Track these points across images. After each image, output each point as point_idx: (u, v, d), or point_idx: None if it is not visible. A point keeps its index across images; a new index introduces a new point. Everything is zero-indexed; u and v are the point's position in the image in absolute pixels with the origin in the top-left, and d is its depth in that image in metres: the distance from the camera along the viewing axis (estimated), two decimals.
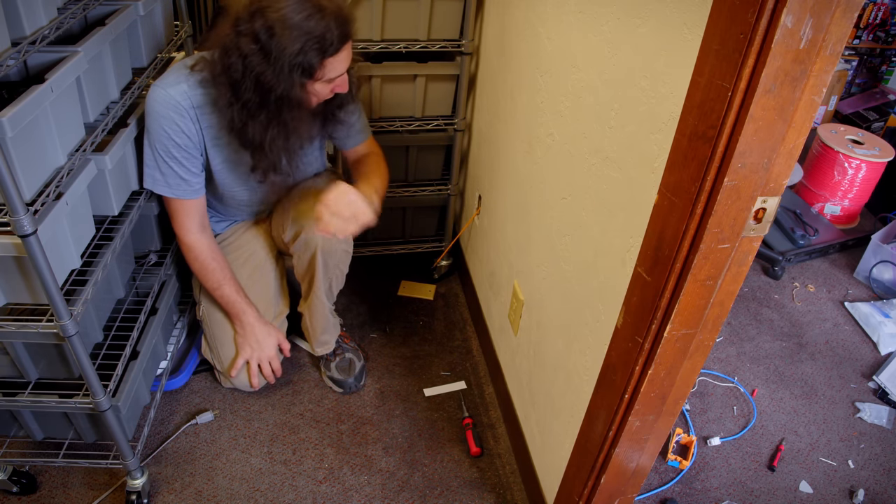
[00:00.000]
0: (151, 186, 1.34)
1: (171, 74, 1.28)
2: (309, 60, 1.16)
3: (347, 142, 1.56)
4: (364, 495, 1.43)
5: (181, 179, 1.34)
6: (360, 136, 1.57)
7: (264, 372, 1.57)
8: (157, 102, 1.25)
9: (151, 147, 1.29)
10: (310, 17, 1.13)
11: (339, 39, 1.17)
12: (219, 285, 1.48)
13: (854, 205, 2.51)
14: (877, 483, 1.57)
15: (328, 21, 1.14)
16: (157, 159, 1.31)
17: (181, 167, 1.33)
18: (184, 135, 1.29)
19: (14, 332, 1.08)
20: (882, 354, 1.96)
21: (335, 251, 1.46)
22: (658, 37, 0.80)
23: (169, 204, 1.39)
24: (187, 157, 1.32)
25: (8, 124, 0.86)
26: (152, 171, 1.32)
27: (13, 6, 0.96)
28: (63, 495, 1.37)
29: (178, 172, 1.33)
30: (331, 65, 1.20)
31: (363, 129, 1.57)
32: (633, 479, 1.08)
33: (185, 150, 1.31)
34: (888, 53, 3.31)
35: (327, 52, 1.17)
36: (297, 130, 1.31)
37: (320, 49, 1.16)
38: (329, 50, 1.17)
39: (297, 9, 1.13)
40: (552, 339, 1.26)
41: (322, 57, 1.17)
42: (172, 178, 1.33)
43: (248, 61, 1.17)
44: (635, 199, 0.89)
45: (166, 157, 1.30)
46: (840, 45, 0.62)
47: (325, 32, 1.14)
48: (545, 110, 1.23)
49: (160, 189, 1.34)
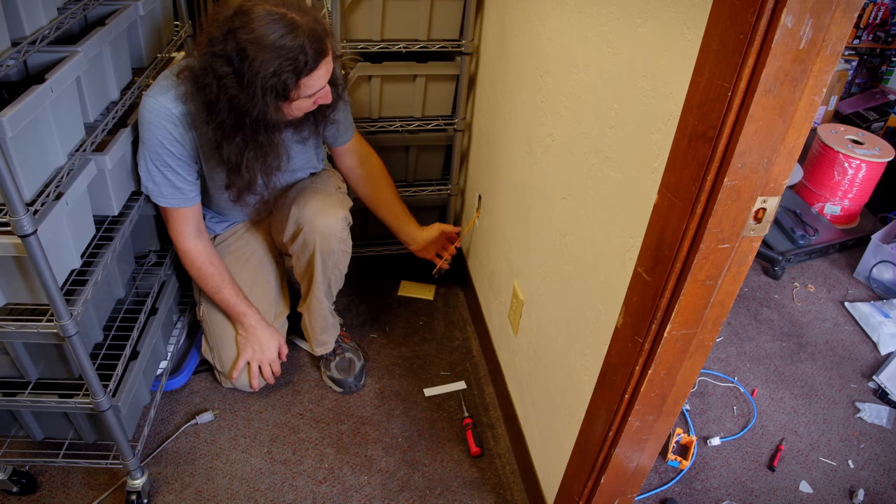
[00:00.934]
0: (146, 193, 1.33)
1: (159, 83, 1.26)
2: (283, 82, 1.13)
3: (338, 140, 1.56)
4: (364, 495, 1.43)
5: (175, 188, 1.33)
6: (349, 133, 1.57)
7: (264, 374, 1.57)
8: (149, 112, 1.23)
9: (145, 157, 1.28)
10: (283, 38, 1.10)
11: (314, 58, 1.14)
12: (218, 289, 1.48)
13: (854, 205, 2.51)
14: (877, 483, 1.57)
15: (302, 40, 1.11)
16: (151, 170, 1.29)
17: (176, 175, 1.31)
18: (177, 143, 1.27)
19: (14, 332, 1.08)
20: (882, 354, 1.96)
21: (333, 251, 1.46)
22: (658, 37, 0.80)
23: (164, 211, 1.39)
24: (181, 164, 1.31)
25: (8, 124, 0.86)
26: (146, 181, 1.31)
27: (13, 6, 0.96)
28: (63, 495, 1.37)
29: (173, 181, 1.31)
30: (307, 83, 1.17)
31: (351, 126, 1.57)
32: (633, 479, 1.08)
33: (179, 158, 1.29)
34: (888, 53, 3.31)
35: (302, 72, 1.14)
36: (274, 152, 1.29)
37: (294, 70, 1.13)
38: (304, 70, 1.14)
39: (270, 29, 1.10)
40: (552, 339, 1.26)
41: (297, 77, 1.14)
42: (166, 188, 1.32)
43: (221, 83, 1.14)
44: (635, 199, 0.89)
45: (160, 167, 1.29)
46: (840, 45, 0.62)
47: (298, 53, 1.11)
48: (545, 110, 1.23)
49: (155, 198, 1.33)
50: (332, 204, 1.44)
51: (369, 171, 1.65)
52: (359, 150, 1.62)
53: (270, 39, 1.10)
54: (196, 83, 1.20)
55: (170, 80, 1.25)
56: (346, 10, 1.56)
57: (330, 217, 1.41)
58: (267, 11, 1.11)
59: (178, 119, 1.25)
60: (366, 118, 1.76)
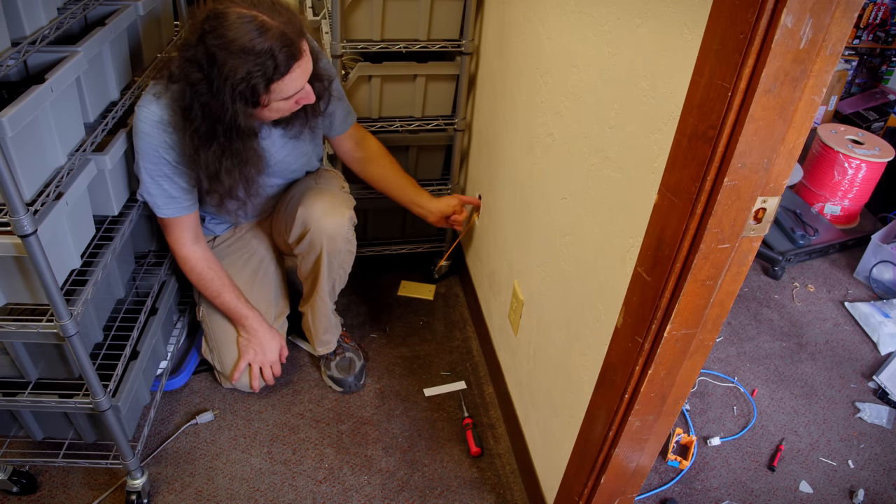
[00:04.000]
0: (144, 200, 1.32)
1: (149, 91, 1.23)
2: (252, 87, 1.10)
3: (332, 130, 1.54)
4: (364, 495, 1.43)
5: (171, 198, 1.31)
6: (347, 121, 1.54)
7: (265, 375, 1.57)
8: (142, 122, 1.22)
9: (142, 167, 1.26)
10: (252, 41, 1.07)
11: (285, 62, 1.11)
12: (218, 293, 1.47)
13: (854, 205, 2.51)
14: (877, 483, 1.57)
15: (272, 43, 1.08)
16: (147, 181, 1.27)
17: (172, 185, 1.29)
18: (172, 150, 1.25)
19: (14, 332, 1.08)
20: (882, 354, 1.96)
21: (340, 251, 1.46)
22: (658, 37, 0.80)
23: (161, 220, 1.37)
24: (177, 171, 1.28)
25: (8, 124, 0.86)
26: (143, 192, 1.29)
27: (13, 6, 0.96)
28: (63, 495, 1.37)
29: (170, 191, 1.30)
30: (280, 87, 1.14)
31: (348, 114, 1.55)
32: (633, 479, 1.08)
33: (175, 166, 1.27)
34: (888, 53, 3.31)
35: (273, 77, 1.11)
36: (253, 159, 1.26)
37: (264, 75, 1.10)
38: (275, 75, 1.11)
39: (239, 33, 1.07)
40: (552, 338, 1.26)
41: (268, 83, 1.11)
42: (162, 199, 1.30)
43: (194, 90, 1.12)
44: (635, 199, 0.89)
45: (156, 176, 1.27)
46: (840, 45, 0.62)
47: (267, 58, 1.08)
48: (545, 110, 1.23)
49: (153, 208, 1.32)
50: (339, 204, 1.43)
51: (369, 152, 1.63)
52: (355, 133, 1.59)
53: (239, 44, 1.07)
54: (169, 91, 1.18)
55: (160, 87, 1.22)
56: (346, 10, 1.55)
57: (337, 217, 1.41)
58: (238, 15, 1.08)
59: (170, 126, 1.23)
60: (366, 118, 1.76)
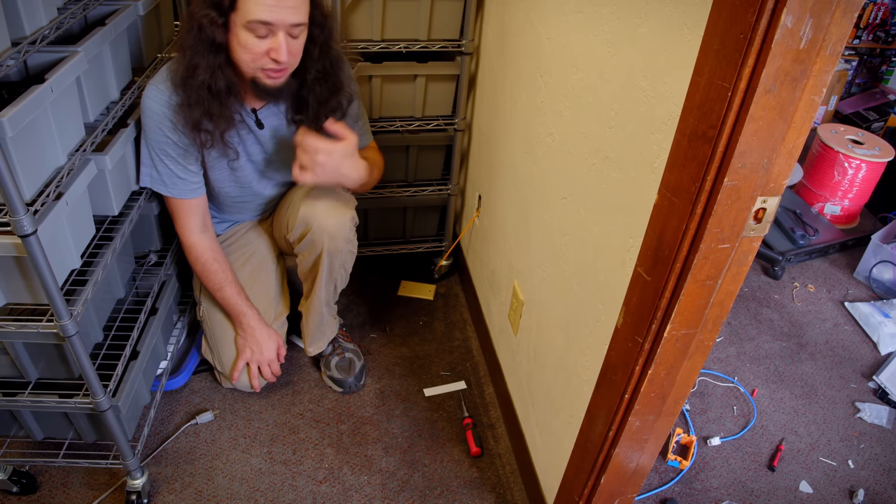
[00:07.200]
0: (150, 184, 1.33)
1: (161, 71, 1.27)
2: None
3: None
4: (364, 495, 1.43)
5: (178, 178, 1.34)
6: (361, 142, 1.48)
7: (264, 374, 1.57)
8: (150, 99, 1.24)
9: (148, 145, 1.29)
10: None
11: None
12: (220, 287, 1.48)
13: (854, 205, 2.51)
14: (877, 483, 1.57)
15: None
16: (154, 157, 1.30)
17: (178, 165, 1.32)
18: (177, 130, 1.27)
19: (14, 332, 1.08)
20: (882, 354, 1.96)
21: (341, 251, 1.46)
22: (658, 37, 0.80)
23: (169, 203, 1.39)
24: (182, 154, 1.31)
25: (8, 124, 0.86)
26: (149, 168, 1.31)
27: (13, 6, 0.96)
28: (63, 495, 1.37)
29: (175, 171, 1.32)
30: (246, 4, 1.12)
31: (364, 134, 1.52)
32: (633, 479, 1.08)
33: (180, 147, 1.30)
34: (888, 53, 3.31)
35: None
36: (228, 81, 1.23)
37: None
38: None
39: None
40: (552, 339, 1.26)
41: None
42: (169, 177, 1.33)
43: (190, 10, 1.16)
44: (635, 199, 0.89)
45: (162, 156, 1.30)
46: (840, 45, 0.62)
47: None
48: (545, 110, 1.23)
49: (158, 187, 1.34)
50: (341, 204, 1.43)
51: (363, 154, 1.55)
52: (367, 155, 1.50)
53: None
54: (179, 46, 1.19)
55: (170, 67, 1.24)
56: (346, 10, 1.56)
57: (339, 217, 1.41)
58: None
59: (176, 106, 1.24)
60: None
